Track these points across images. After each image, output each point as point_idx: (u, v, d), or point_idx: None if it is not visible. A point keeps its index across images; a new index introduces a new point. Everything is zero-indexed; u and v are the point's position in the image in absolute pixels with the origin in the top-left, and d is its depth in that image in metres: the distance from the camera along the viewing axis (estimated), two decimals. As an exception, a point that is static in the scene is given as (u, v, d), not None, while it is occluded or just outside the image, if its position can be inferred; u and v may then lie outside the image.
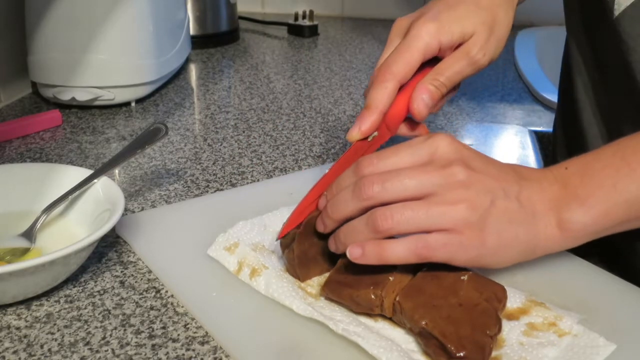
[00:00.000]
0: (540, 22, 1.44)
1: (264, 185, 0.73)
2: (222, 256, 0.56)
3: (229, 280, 0.55)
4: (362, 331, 0.47)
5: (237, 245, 0.56)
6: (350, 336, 0.47)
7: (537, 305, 0.50)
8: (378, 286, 0.48)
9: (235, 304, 0.52)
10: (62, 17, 0.92)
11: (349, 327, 0.48)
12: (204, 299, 0.53)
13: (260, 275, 0.53)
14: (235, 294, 0.53)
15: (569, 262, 0.57)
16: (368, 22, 1.54)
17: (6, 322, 0.52)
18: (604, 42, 0.62)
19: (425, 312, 0.46)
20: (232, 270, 0.55)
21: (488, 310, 0.47)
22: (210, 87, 1.09)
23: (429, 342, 0.46)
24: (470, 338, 0.44)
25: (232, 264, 0.55)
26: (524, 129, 0.93)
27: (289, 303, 0.50)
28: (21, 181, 0.65)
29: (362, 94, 1.05)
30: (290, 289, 0.52)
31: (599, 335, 0.47)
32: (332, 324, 0.48)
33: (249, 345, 0.48)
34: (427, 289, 0.48)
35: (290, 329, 0.49)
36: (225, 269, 0.56)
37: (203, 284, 0.54)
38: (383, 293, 0.48)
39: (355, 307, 0.50)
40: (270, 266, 0.54)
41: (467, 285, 0.48)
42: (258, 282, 0.53)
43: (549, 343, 0.47)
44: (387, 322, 0.49)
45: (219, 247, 0.57)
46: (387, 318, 0.49)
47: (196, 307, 0.52)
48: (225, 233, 0.58)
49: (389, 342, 0.46)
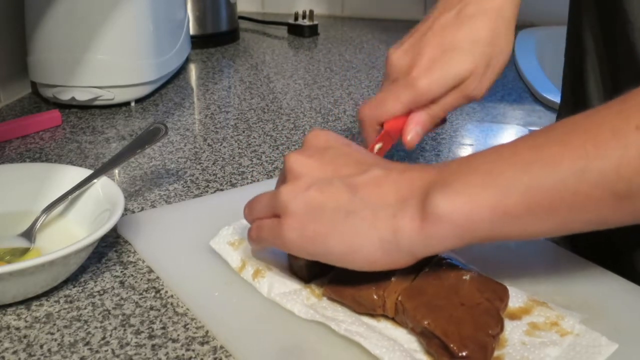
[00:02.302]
0: (540, 22, 1.44)
1: (266, 185, 0.73)
2: (225, 250, 0.56)
3: (231, 279, 0.55)
4: (364, 331, 0.47)
5: (241, 242, 0.56)
6: (352, 336, 0.47)
7: (539, 304, 0.50)
8: (380, 286, 0.48)
9: (238, 303, 0.52)
10: (62, 17, 0.92)
11: (351, 328, 0.48)
12: (207, 299, 0.53)
13: (263, 277, 0.53)
14: (237, 294, 0.53)
15: (570, 261, 0.57)
16: (368, 22, 1.54)
17: (6, 322, 0.52)
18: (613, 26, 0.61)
19: (427, 312, 0.46)
20: (234, 267, 0.55)
21: (490, 309, 0.47)
22: (210, 87, 1.09)
23: (431, 342, 0.45)
24: (472, 338, 0.44)
25: (235, 260, 0.55)
26: (524, 129, 0.93)
27: (290, 307, 0.50)
28: (21, 181, 0.65)
29: (362, 94, 1.05)
30: (292, 291, 0.52)
31: (601, 335, 0.47)
32: (334, 325, 0.48)
33: (251, 345, 0.48)
34: (429, 289, 0.48)
35: (292, 329, 0.49)
36: (226, 266, 0.56)
37: (205, 283, 0.54)
38: (385, 293, 0.48)
39: (358, 307, 0.50)
40: (274, 267, 0.54)
41: (469, 284, 0.48)
42: (261, 283, 0.53)
43: (551, 342, 0.46)
44: (390, 322, 0.49)
45: (222, 240, 0.57)
46: (389, 318, 0.49)
47: (198, 307, 0.52)
48: (229, 226, 0.57)
49: (392, 342, 0.46)
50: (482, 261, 0.54)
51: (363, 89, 1.08)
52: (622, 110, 0.41)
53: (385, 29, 1.48)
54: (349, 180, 0.46)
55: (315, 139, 0.51)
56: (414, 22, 0.65)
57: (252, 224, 0.52)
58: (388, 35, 1.42)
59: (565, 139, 0.42)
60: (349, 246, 0.46)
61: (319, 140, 0.51)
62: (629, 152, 0.39)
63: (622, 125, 0.40)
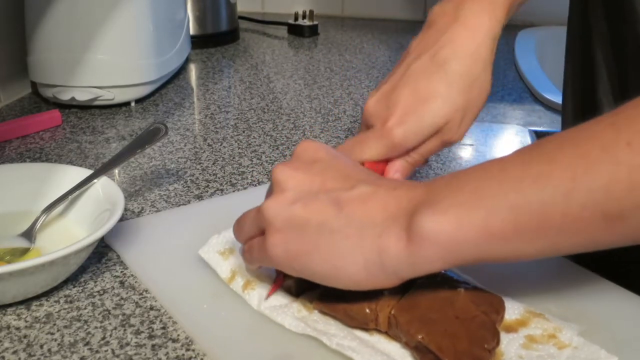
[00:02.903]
0: (540, 22, 1.44)
1: (260, 190, 0.73)
2: (214, 260, 0.55)
3: (219, 290, 0.53)
4: (356, 346, 0.46)
5: (232, 251, 0.55)
6: (344, 351, 0.46)
7: (536, 316, 0.49)
8: (373, 300, 0.47)
9: (227, 316, 0.51)
10: (62, 17, 0.92)
11: (344, 342, 0.46)
12: (194, 311, 0.51)
13: (253, 289, 0.52)
14: (226, 306, 0.52)
15: (567, 270, 0.56)
16: (368, 22, 1.54)
17: (6, 322, 0.52)
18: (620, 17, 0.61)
19: (421, 326, 0.45)
20: (223, 277, 0.54)
21: (486, 322, 0.45)
22: (210, 87, 1.09)
23: (426, 357, 0.44)
24: (467, 352, 0.43)
25: (224, 271, 0.54)
26: (524, 129, 0.93)
27: (280, 320, 0.49)
28: (21, 181, 0.65)
29: (362, 94, 1.05)
30: (283, 305, 0.51)
31: (600, 348, 0.46)
32: (325, 339, 0.46)
33: (241, 358, 0.47)
34: (422, 302, 0.47)
35: (283, 342, 0.48)
36: (215, 276, 0.54)
37: (193, 295, 0.53)
38: (378, 307, 0.47)
39: (350, 321, 0.48)
40: (265, 279, 0.53)
41: (464, 297, 0.47)
42: (251, 295, 0.52)
43: (548, 356, 0.45)
44: (383, 336, 0.48)
45: (211, 249, 0.55)
46: (382, 332, 0.48)
47: (186, 319, 0.51)
48: (219, 235, 0.56)
49: (385, 357, 0.45)
50: (475, 272, 0.52)
51: (363, 89, 1.08)
52: (614, 123, 0.39)
53: (385, 29, 1.48)
54: (335, 195, 0.45)
55: (304, 151, 0.49)
56: (414, 22, 0.65)
57: (243, 245, 0.51)
58: (388, 35, 1.42)
59: (554, 155, 0.40)
60: (333, 265, 0.44)
61: (307, 152, 0.49)
62: (619, 170, 0.37)
63: (612, 141, 0.38)
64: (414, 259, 0.42)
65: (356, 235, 0.43)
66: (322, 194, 0.45)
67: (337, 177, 0.46)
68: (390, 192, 0.44)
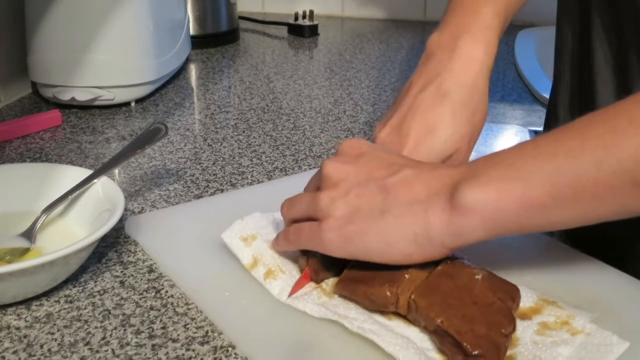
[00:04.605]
0: (540, 22, 1.44)
1: (282, 182, 0.73)
2: (237, 246, 0.56)
3: (241, 279, 0.54)
4: (377, 329, 0.48)
5: (254, 237, 0.56)
6: (365, 334, 0.47)
7: (549, 304, 0.51)
8: (394, 284, 0.49)
9: (248, 304, 0.52)
10: (62, 17, 0.92)
11: (364, 325, 0.48)
12: (217, 300, 0.53)
13: (275, 279, 0.53)
14: (248, 294, 0.53)
15: (579, 260, 0.58)
16: (368, 22, 1.54)
17: (6, 322, 0.52)
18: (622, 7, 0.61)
19: (440, 311, 0.46)
20: (245, 264, 0.55)
21: (502, 309, 0.47)
22: (210, 87, 1.09)
23: (444, 341, 0.46)
24: (485, 337, 0.44)
25: (246, 257, 0.55)
26: (524, 129, 0.93)
27: (302, 307, 0.51)
28: (21, 181, 0.65)
29: (362, 94, 1.05)
30: (303, 293, 0.52)
31: (612, 333, 0.47)
32: (347, 322, 0.48)
33: (263, 344, 0.48)
34: (442, 288, 0.48)
35: (304, 327, 0.49)
36: (236, 264, 0.55)
37: (216, 283, 0.54)
38: (398, 290, 0.48)
39: (369, 304, 0.50)
40: (287, 270, 0.54)
41: (481, 284, 0.49)
42: (272, 285, 0.53)
43: (562, 342, 0.47)
44: (402, 321, 0.49)
45: (234, 234, 0.56)
46: (400, 316, 0.50)
47: (209, 308, 0.52)
48: (242, 220, 0.57)
49: (405, 340, 0.46)
50: (489, 262, 0.54)
51: (363, 89, 1.08)
52: (639, 101, 0.42)
53: (385, 29, 1.48)
54: (382, 182, 0.49)
55: (349, 147, 0.54)
56: (414, 22, 0.65)
57: (290, 226, 0.54)
58: (388, 35, 1.43)
59: (584, 131, 0.43)
60: (386, 242, 0.48)
61: (352, 148, 0.53)
62: None
63: (638, 114, 0.41)
64: (459, 229, 0.46)
65: (405, 213, 0.48)
66: (370, 183, 0.49)
67: (382, 166, 0.51)
68: (432, 172, 0.49)
